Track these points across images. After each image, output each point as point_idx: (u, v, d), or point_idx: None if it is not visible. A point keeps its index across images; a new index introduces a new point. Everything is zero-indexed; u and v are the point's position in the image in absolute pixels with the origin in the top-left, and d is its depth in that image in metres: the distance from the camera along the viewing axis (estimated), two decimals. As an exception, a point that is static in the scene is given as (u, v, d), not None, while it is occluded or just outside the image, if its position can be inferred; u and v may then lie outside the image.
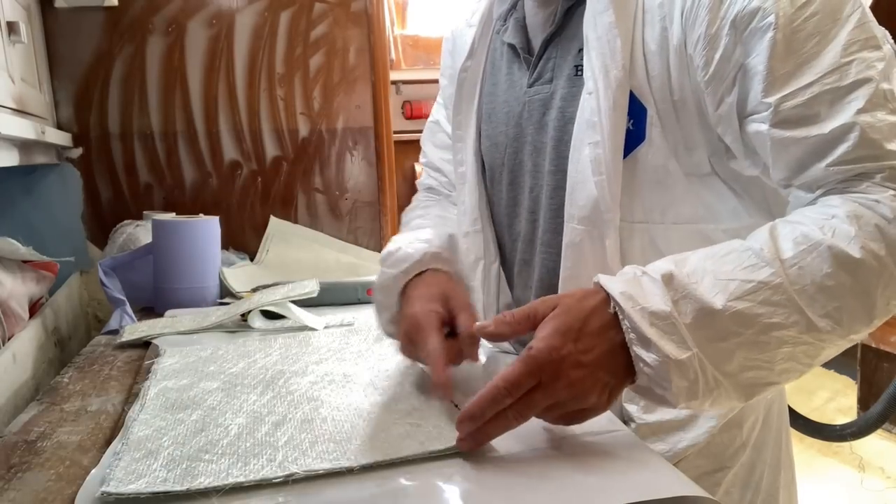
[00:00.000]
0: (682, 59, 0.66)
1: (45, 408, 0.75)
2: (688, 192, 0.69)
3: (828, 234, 0.57)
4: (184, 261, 1.20)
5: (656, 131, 0.68)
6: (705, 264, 0.58)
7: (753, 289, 0.56)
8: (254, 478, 0.54)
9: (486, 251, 0.86)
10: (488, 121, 0.85)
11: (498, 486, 0.54)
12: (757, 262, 0.57)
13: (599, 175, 0.69)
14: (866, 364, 2.42)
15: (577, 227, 0.71)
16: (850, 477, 2.20)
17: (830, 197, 0.61)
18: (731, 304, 0.56)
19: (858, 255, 0.56)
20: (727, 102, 0.64)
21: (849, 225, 0.57)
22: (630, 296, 0.57)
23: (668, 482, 0.54)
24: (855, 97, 0.60)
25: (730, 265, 0.58)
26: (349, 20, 1.63)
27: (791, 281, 0.56)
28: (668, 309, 0.56)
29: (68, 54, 1.50)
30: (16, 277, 1.04)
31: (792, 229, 0.59)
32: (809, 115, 0.61)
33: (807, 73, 0.61)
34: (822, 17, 0.61)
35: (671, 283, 0.57)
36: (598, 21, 0.69)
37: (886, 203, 0.58)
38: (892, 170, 0.59)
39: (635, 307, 0.56)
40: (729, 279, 0.57)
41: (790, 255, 0.57)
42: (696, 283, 0.57)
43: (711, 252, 0.60)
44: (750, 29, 0.62)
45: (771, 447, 0.79)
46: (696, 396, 0.57)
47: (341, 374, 0.79)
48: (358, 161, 1.68)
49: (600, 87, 0.68)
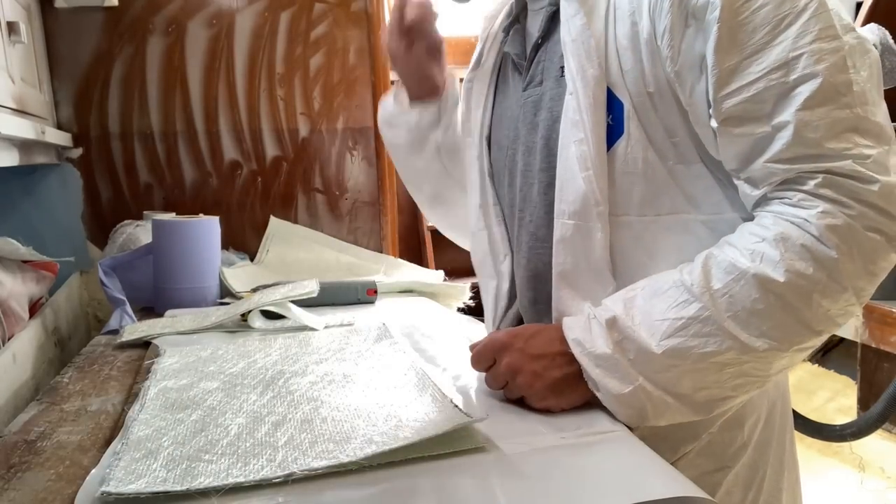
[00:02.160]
0: (654, 51, 0.66)
1: (45, 408, 0.75)
2: (669, 184, 0.70)
3: (756, 261, 0.61)
4: (184, 261, 1.20)
5: (634, 124, 0.69)
6: (646, 305, 0.65)
7: (684, 325, 0.63)
8: (254, 478, 0.54)
9: (492, 249, 0.88)
10: (497, 127, 0.88)
11: (498, 486, 0.54)
12: (688, 297, 0.63)
13: (586, 170, 0.70)
14: (866, 364, 2.41)
15: (567, 223, 0.73)
16: (850, 477, 2.20)
17: (764, 215, 0.63)
18: (665, 343, 0.63)
19: (783, 278, 0.60)
20: (697, 91, 0.65)
21: (774, 249, 0.61)
22: (580, 342, 0.67)
23: (667, 482, 0.54)
24: (799, 93, 0.60)
25: (664, 304, 0.64)
26: (349, 20, 1.63)
27: (722, 310, 0.62)
28: (609, 351, 0.65)
29: (68, 54, 1.50)
30: (16, 277, 1.04)
31: (724, 258, 0.63)
32: (754, 110, 0.61)
33: (753, 67, 0.61)
34: (774, 7, 0.60)
35: (614, 326, 0.66)
36: (571, 25, 0.71)
37: (814, 222, 0.60)
38: (826, 175, 0.60)
39: (583, 352, 0.67)
40: (663, 318, 0.64)
41: (720, 285, 0.62)
42: (637, 325, 0.65)
43: (654, 288, 0.66)
44: (706, 20, 0.62)
45: (774, 447, 0.79)
46: (645, 420, 0.66)
47: (341, 374, 0.79)
48: (358, 161, 1.68)
49: (579, 87, 0.70)
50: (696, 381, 0.63)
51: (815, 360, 2.93)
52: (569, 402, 0.68)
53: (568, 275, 0.74)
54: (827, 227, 0.59)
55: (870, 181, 0.59)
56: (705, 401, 0.65)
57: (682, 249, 0.68)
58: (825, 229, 0.59)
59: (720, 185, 0.69)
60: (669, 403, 0.64)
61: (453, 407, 0.66)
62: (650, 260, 0.70)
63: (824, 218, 0.59)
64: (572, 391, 0.68)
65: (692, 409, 0.65)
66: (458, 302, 1.37)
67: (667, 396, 0.64)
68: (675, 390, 0.64)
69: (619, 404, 0.65)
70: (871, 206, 0.59)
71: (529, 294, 0.82)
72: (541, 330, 0.72)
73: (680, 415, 0.65)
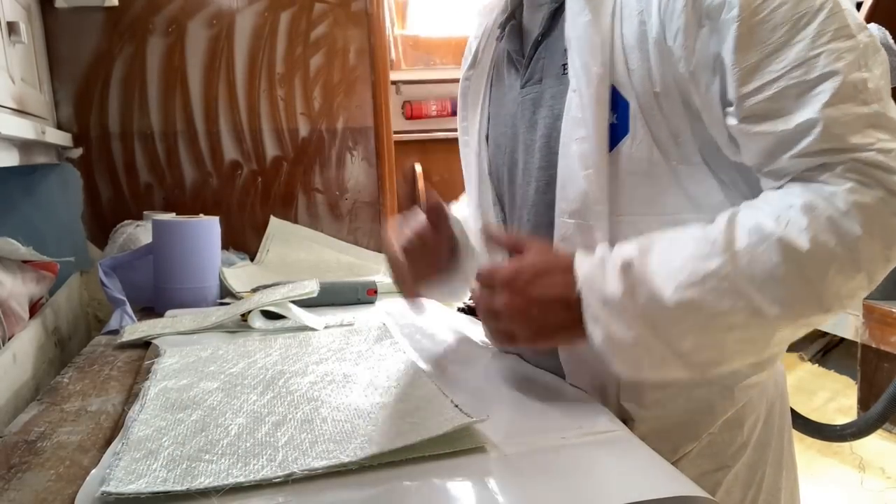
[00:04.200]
0: (662, 51, 0.66)
1: (46, 408, 0.75)
2: (673, 184, 0.69)
3: (781, 225, 0.60)
4: (184, 261, 1.20)
5: (639, 124, 0.69)
6: (665, 253, 0.64)
7: (701, 279, 0.61)
8: (254, 478, 0.54)
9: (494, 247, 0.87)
10: (494, 124, 0.88)
11: (498, 486, 0.54)
12: (710, 251, 0.61)
13: (587, 169, 0.70)
14: (866, 364, 2.41)
15: (567, 222, 0.73)
16: (850, 477, 2.20)
17: (792, 185, 0.63)
18: (679, 294, 0.61)
19: (807, 245, 0.59)
20: (712, 91, 0.65)
21: (803, 216, 0.59)
22: (591, 279, 0.65)
23: (666, 482, 0.54)
24: (821, 90, 0.60)
25: (685, 253, 0.62)
26: (349, 20, 1.63)
27: (741, 269, 0.60)
28: (619, 294, 0.63)
29: (68, 54, 1.51)
30: (16, 277, 1.04)
31: (751, 217, 0.62)
32: (775, 108, 0.61)
33: (773, 65, 0.61)
34: (791, 6, 0.61)
35: (629, 270, 0.63)
36: (576, 21, 0.71)
37: (841, 196, 0.59)
38: (853, 161, 0.60)
39: (592, 291, 0.64)
40: (681, 268, 0.62)
41: (743, 245, 0.61)
42: (652, 272, 0.62)
43: (675, 238, 0.65)
44: (721, 20, 0.62)
45: (773, 447, 0.79)
46: (640, 371, 0.65)
47: (341, 374, 0.79)
48: (358, 161, 1.68)
49: (583, 85, 0.70)
50: (700, 338, 0.62)
51: (815, 361, 2.93)
52: (557, 344, 0.72)
53: None
54: (856, 203, 0.59)
55: (894, 171, 0.59)
56: (703, 361, 0.64)
57: None
58: (853, 205, 0.59)
59: (722, 187, 0.69)
60: (667, 358, 0.63)
61: (454, 407, 0.66)
62: None
63: (854, 194, 0.59)
64: (563, 338, 0.69)
65: (687, 368, 0.64)
66: (458, 302, 1.37)
67: (667, 351, 0.63)
68: (677, 345, 0.62)
69: (617, 352, 0.64)
70: (894, 193, 0.59)
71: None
72: (547, 268, 0.69)
73: (673, 372, 0.64)
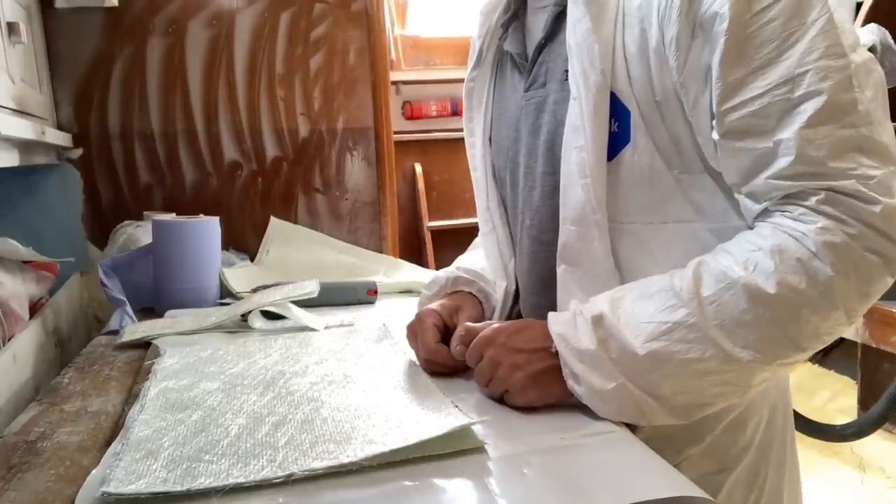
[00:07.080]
0: (662, 59, 0.66)
1: (45, 408, 0.75)
2: (675, 192, 0.69)
3: (748, 270, 0.60)
4: (184, 261, 1.20)
5: (640, 132, 0.68)
6: (634, 306, 0.65)
7: (669, 329, 0.62)
8: (254, 478, 0.54)
9: (500, 251, 0.88)
10: (496, 126, 0.87)
11: (498, 487, 0.54)
12: (675, 302, 0.62)
13: (585, 178, 0.70)
14: (866, 364, 2.41)
15: (570, 229, 0.73)
16: (850, 477, 2.20)
17: (763, 225, 0.63)
18: (648, 345, 0.62)
19: (774, 290, 0.59)
20: (701, 103, 0.65)
21: (770, 259, 0.60)
22: (564, 337, 0.66)
23: (666, 482, 0.54)
24: (803, 110, 0.59)
25: (652, 306, 0.64)
26: (349, 20, 1.63)
27: (708, 317, 0.61)
28: (593, 347, 0.64)
29: (68, 54, 1.50)
30: (16, 278, 1.04)
31: (718, 263, 0.63)
32: (757, 125, 0.61)
33: (758, 81, 0.60)
34: (782, 22, 0.60)
35: (600, 324, 0.65)
36: (576, 28, 0.70)
37: (811, 237, 0.59)
38: (829, 192, 0.59)
39: (567, 347, 0.66)
40: (648, 321, 0.63)
41: (710, 292, 0.61)
42: (623, 324, 0.64)
43: (642, 290, 0.66)
44: (713, 31, 0.62)
45: (775, 448, 0.79)
46: (627, 417, 0.64)
47: (341, 374, 0.79)
48: (358, 161, 1.68)
49: (582, 93, 0.69)
50: (676, 385, 0.62)
51: (815, 361, 2.93)
52: (550, 395, 0.67)
53: (571, 280, 0.73)
54: (825, 243, 0.58)
55: (872, 202, 0.58)
56: (683, 405, 0.64)
57: (689, 257, 0.66)
58: (823, 245, 0.58)
59: (725, 194, 0.69)
60: (650, 404, 0.63)
61: (453, 407, 0.66)
62: (656, 267, 0.68)
63: (823, 234, 0.58)
64: (553, 385, 0.67)
65: (670, 413, 0.64)
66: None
67: (647, 397, 0.63)
68: (656, 392, 0.63)
69: (602, 401, 0.64)
70: (871, 226, 0.58)
71: (533, 298, 0.81)
72: (526, 325, 0.71)
73: (660, 417, 0.64)
